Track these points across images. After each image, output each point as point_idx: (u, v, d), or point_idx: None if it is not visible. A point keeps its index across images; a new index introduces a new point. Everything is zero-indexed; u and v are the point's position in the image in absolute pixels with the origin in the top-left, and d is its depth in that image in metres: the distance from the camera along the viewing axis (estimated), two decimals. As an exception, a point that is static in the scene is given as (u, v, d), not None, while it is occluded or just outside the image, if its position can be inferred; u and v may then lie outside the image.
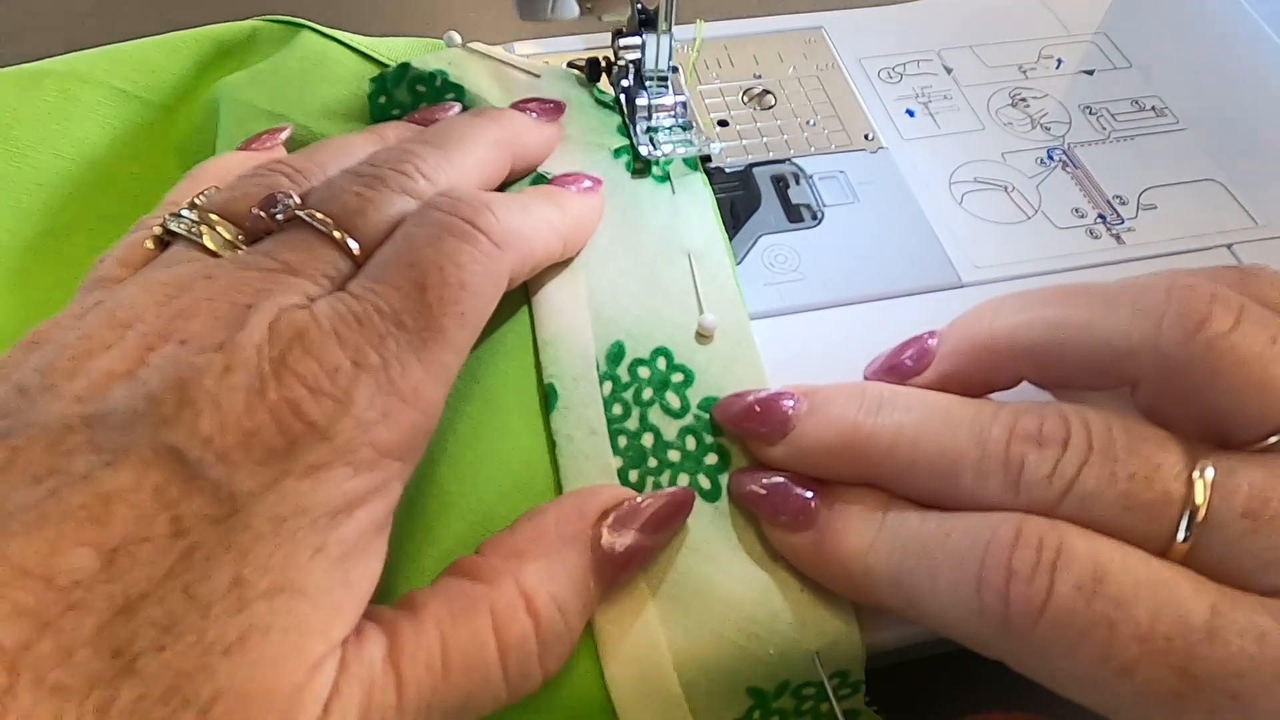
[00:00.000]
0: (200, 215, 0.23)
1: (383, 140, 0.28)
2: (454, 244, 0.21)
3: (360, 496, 0.19)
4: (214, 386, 0.18)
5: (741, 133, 0.34)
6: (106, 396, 0.18)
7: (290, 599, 0.17)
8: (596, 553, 0.22)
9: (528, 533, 0.22)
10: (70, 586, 0.15)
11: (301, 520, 0.18)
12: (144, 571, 0.16)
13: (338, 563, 0.18)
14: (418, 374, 0.20)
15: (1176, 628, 0.18)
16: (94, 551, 0.16)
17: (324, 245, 0.22)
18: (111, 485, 0.16)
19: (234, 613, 0.16)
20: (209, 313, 0.19)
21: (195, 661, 0.16)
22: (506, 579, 0.20)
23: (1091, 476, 0.19)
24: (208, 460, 0.17)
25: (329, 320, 0.19)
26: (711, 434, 0.25)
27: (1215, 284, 0.21)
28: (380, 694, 0.18)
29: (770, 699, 0.23)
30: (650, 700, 0.22)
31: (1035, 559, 0.19)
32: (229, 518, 0.17)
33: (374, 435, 0.19)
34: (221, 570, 0.17)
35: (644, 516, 0.22)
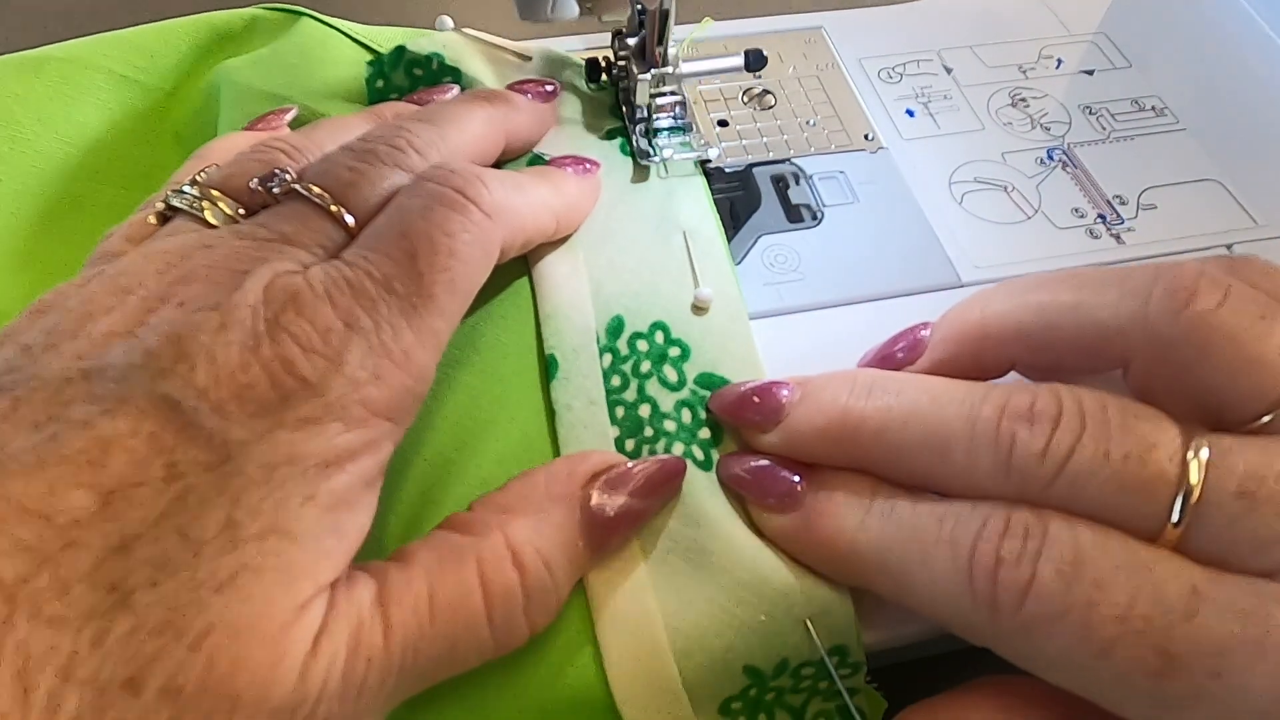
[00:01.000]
0: (201, 190, 0.23)
1: (380, 119, 0.28)
2: (444, 213, 0.22)
3: (351, 451, 0.19)
4: (209, 341, 0.18)
5: (741, 133, 0.34)
6: (105, 353, 0.18)
7: (280, 541, 0.18)
8: (585, 513, 0.22)
9: (517, 490, 0.23)
10: (68, 525, 0.16)
11: (293, 469, 0.18)
12: (139, 513, 0.17)
13: (327, 511, 0.19)
14: (408, 338, 0.21)
15: (1155, 608, 0.18)
16: (91, 493, 0.16)
17: (319, 217, 0.22)
18: (109, 431, 0.17)
19: (225, 552, 0.17)
20: (207, 278, 0.20)
21: (187, 597, 0.16)
22: (494, 532, 0.21)
23: (1085, 455, 0.19)
24: (202, 410, 0.18)
25: (322, 284, 0.20)
26: (706, 408, 0.26)
27: (1203, 265, 0.21)
28: (367, 634, 0.19)
29: (768, 679, 0.23)
30: (645, 674, 0.22)
31: (1021, 546, 0.19)
32: (222, 464, 0.17)
33: (365, 394, 0.19)
34: (214, 513, 0.17)
35: (635, 481, 0.23)
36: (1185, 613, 0.18)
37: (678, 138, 0.32)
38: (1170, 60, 0.37)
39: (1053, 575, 0.19)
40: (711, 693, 0.23)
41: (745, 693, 0.23)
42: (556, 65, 0.33)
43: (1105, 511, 0.19)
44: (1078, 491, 0.19)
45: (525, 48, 0.34)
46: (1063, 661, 0.19)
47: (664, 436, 0.25)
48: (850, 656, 0.23)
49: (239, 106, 0.30)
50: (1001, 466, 0.20)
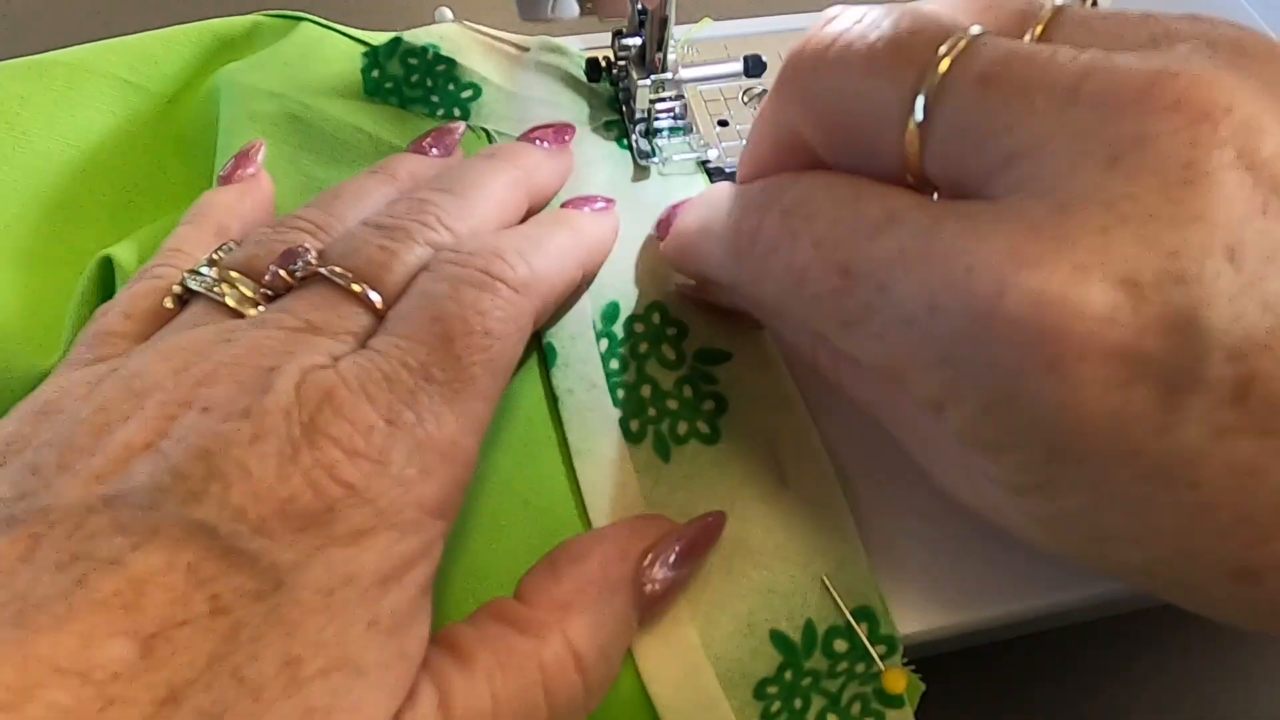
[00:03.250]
0: (220, 273, 0.22)
1: (394, 179, 0.27)
2: (474, 294, 0.21)
3: (408, 561, 0.18)
4: (242, 455, 0.17)
5: (741, 133, 0.34)
6: (128, 473, 0.17)
7: (347, 678, 0.16)
8: (639, 595, 0.22)
9: (573, 583, 0.21)
10: (108, 680, 0.15)
11: (350, 590, 0.17)
12: (186, 657, 0.15)
13: (391, 635, 0.17)
14: (452, 426, 0.20)
15: (848, 231, 0.19)
16: (130, 640, 0.15)
17: (347, 302, 0.21)
18: (142, 568, 0.16)
19: (289, 695, 0.16)
20: (231, 378, 0.19)
21: None
22: (555, 633, 0.20)
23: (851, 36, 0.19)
24: (242, 533, 0.16)
25: (357, 379, 0.19)
26: (707, 382, 0.26)
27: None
28: None
29: (800, 655, 0.23)
30: (669, 648, 0.22)
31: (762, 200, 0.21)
32: (273, 592, 0.16)
33: (416, 494, 0.18)
34: (270, 649, 0.16)
35: (683, 550, 0.22)
36: (872, 231, 0.18)
37: (678, 138, 0.32)
38: (1170, 59, 0.37)
39: (778, 216, 0.20)
40: (743, 670, 0.22)
41: (780, 675, 0.23)
42: (554, 55, 0.34)
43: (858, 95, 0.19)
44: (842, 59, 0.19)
45: (522, 39, 0.34)
46: (777, 297, 0.21)
47: (668, 416, 0.25)
48: (880, 627, 0.23)
49: (239, 104, 0.31)
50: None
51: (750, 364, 0.27)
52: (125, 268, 0.27)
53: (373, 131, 0.31)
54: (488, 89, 0.33)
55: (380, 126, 0.31)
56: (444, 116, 0.32)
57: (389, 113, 0.32)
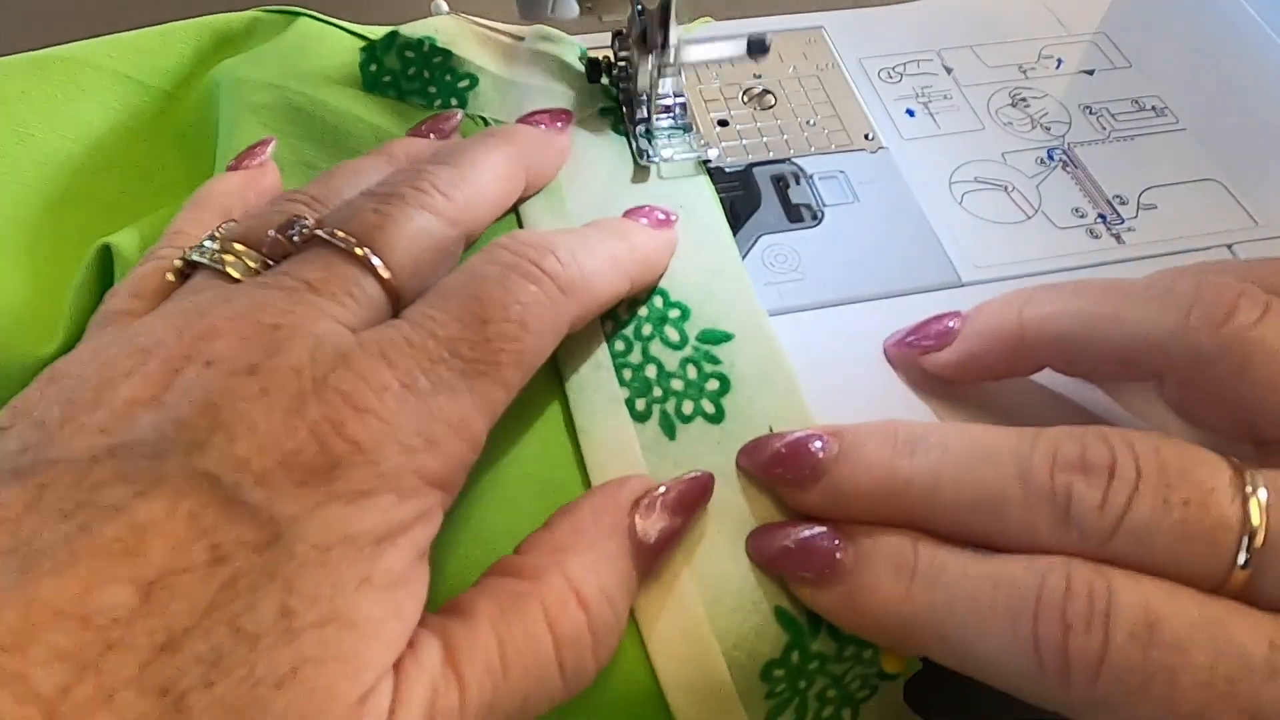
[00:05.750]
0: (222, 245, 0.23)
1: (392, 159, 0.28)
2: (520, 283, 0.21)
3: (404, 525, 0.18)
4: (248, 408, 0.17)
5: (741, 133, 0.34)
6: (132, 425, 0.17)
7: (341, 630, 0.16)
8: (633, 541, 0.22)
9: (567, 528, 0.22)
10: (108, 625, 0.15)
11: (347, 548, 0.17)
12: (185, 604, 0.15)
13: (385, 592, 0.17)
14: (466, 404, 0.20)
15: (1238, 668, 0.17)
16: (130, 587, 0.15)
17: (344, 262, 0.21)
18: (144, 515, 0.16)
19: (284, 644, 0.16)
20: (233, 333, 0.19)
21: (247, 696, 0.15)
22: (554, 573, 0.20)
23: (1144, 504, 0.19)
24: (245, 484, 0.17)
25: (376, 344, 0.19)
26: (711, 362, 0.26)
27: (1244, 282, 0.21)
28: (443, 699, 0.18)
29: (806, 635, 0.23)
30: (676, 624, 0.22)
31: (1088, 610, 0.18)
32: (271, 545, 0.16)
33: (419, 462, 0.18)
34: (267, 600, 0.16)
35: (671, 501, 0.22)
36: (1269, 671, 0.17)
37: (678, 138, 0.32)
38: (1170, 60, 0.37)
39: (1126, 639, 0.18)
40: (750, 650, 0.22)
41: (787, 658, 0.22)
42: (548, 44, 0.34)
43: (1169, 562, 0.18)
44: (1140, 543, 0.19)
45: (517, 28, 0.34)
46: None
47: (673, 396, 0.26)
48: None
49: (240, 97, 0.31)
50: (1059, 522, 0.19)
51: (752, 345, 0.27)
52: (126, 255, 0.28)
53: (373, 121, 0.31)
54: (484, 78, 0.33)
55: (380, 116, 0.31)
56: (441, 107, 0.32)
57: (388, 103, 0.32)
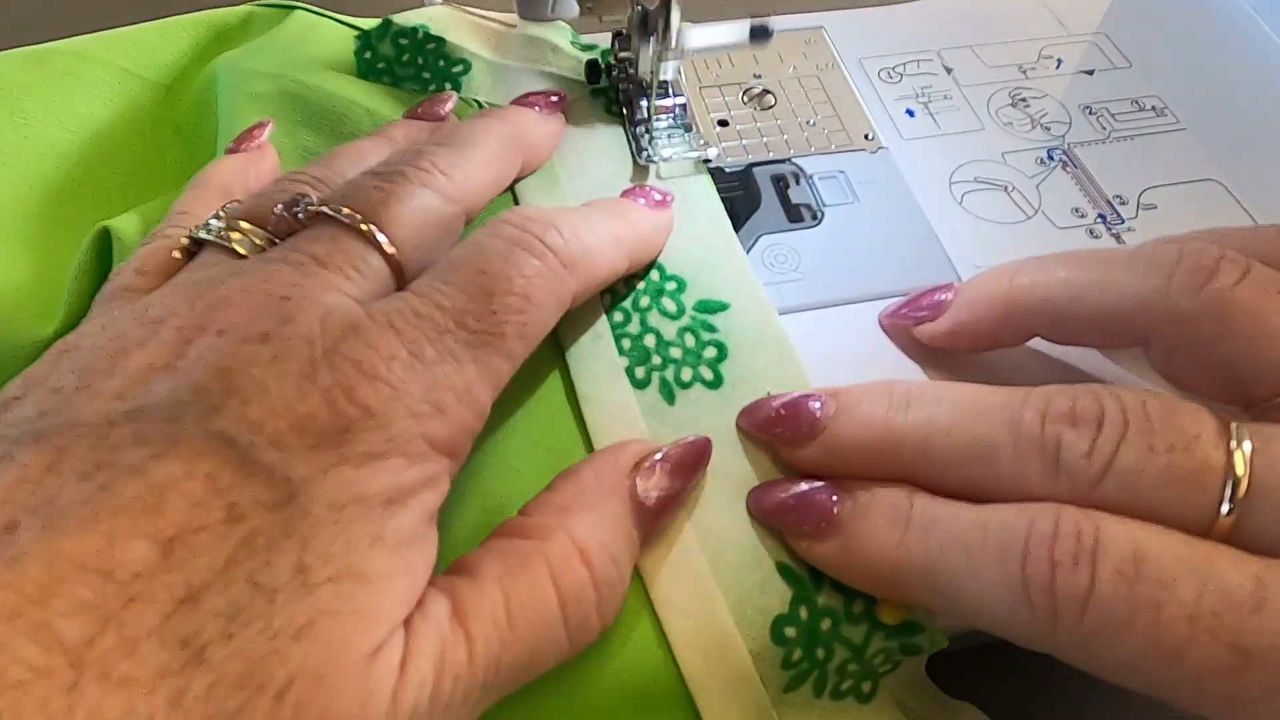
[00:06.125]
0: (229, 223, 0.23)
1: (392, 142, 0.28)
2: (524, 257, 0.22)
3: (414, 488, 0.19)
4: (261, 374, 0.18)
5: (741, 133, 0.34)
6: (147, 390, 0.18)
7: (355, 586, 0.17)
8: (634, 502, 0.22)
9: (569, 489, 0.22)
10: (130, 579, 0.15)
11: (359, 508, 0.18)
12: (204, 560, 0.16)
13: (396, 551, 0.18)
14: (472, 374, 0.20)
15: (1223, 602, 0.17)
16: (151, 543, 0.16)
17: (349, 237, 0.22)
18: (163, 475, 0.16)
19: (300, 599, 0.16)
20: (244, 303, 0.19)
21: (266, 647, 0.16)
22: (557, 532, 0.21)
23: (1130, 451, 0.19)
24: (260, 445, 0.17)
25: (384, 315, 0.20)
26: (709, 330, 0.27)
27: (1224, 246, 0.22)
28: (451, 653, 0.18)
29: (810, 589, 0.23)
30: (681, 575, 0.23)
31: (1075, 548, 0.18)
32: (286, 504, 0.17)
33: (427, 428, 0.19)
34: (283, 557, 0.16)
35: (670, 464, 0.23)
36: (1253, 605, 0.17)
37: (678, 137, 0.32)
38: (1170, 60, 0.37)
39: (1113, 576, 0.18)
40: (757, 605, 0.23)
41: (795, 613, 0.23)
42: (540, 28, 0.34)
43: (1155, 507, 0.19)
44: (1127, 487, 0.19)
45: (509, 16, 0.35)
46: (1133, 667, 0.18)
47: (672, 363, 0.26)
48: None
49: (239, 87, 0.32)
50: (1049, 470, 0.20)
51: (748, 314, 0.27)
52: (125, 238, 0.28)
53: (368, 106, 0.32)
54: (477, 64, 0.34)
55: (375, 101, 0.32)
56: (435, 91, 0.33)
57: (383, 89, 0.33)
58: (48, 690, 0.14)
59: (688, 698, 0.22)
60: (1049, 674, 0.29)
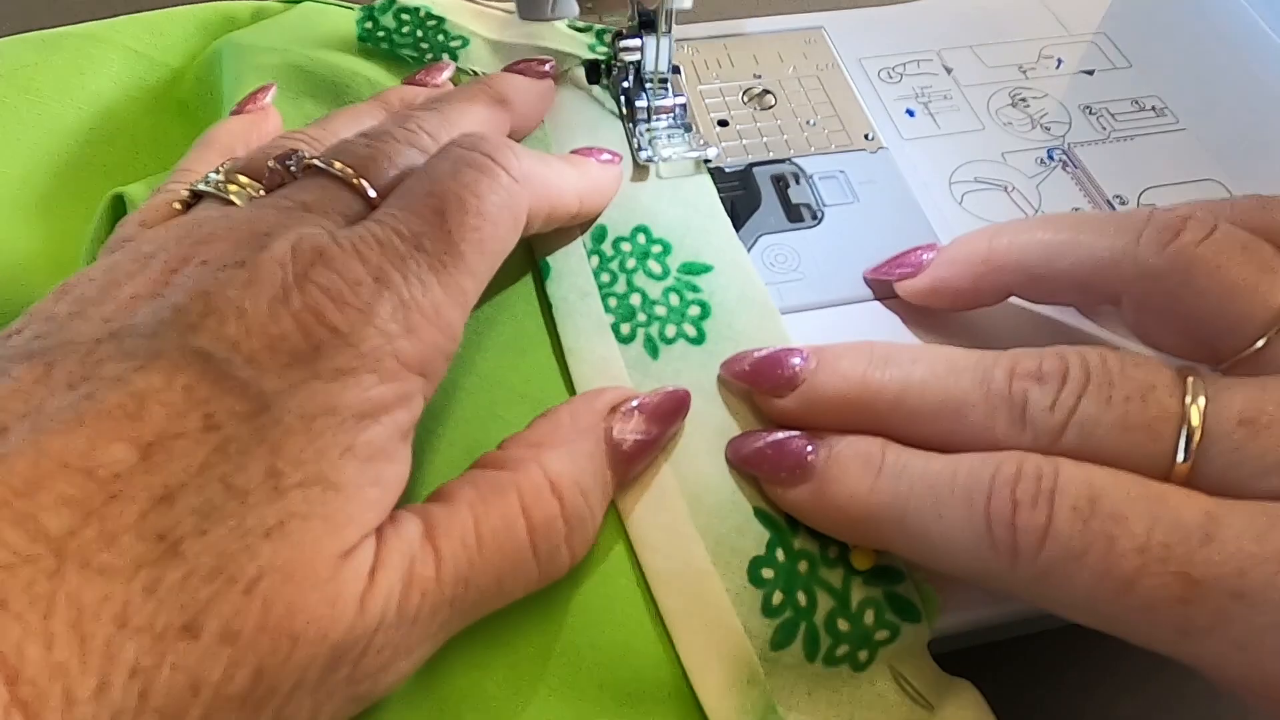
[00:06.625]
0: (227, 176, 0.24)
1: (388, 106, 0.30)
2: (474, 175, 0.23)
3: (385, 404, 0.19)
4: (238, 295, 0.19)
5: (741, 133, 0.34)
6: (133, 314, 0.19)
7: (324, 491, 0.18)
8: (610, 444, 0.23)
9: (545, 427, 0.23)
10: (110, 479, 0.16)
11: (330, 419, 0.18)
12: (180, 464, 0.17)
13: (366, 461, 0.19)
14: (438, 294, 0.21)
15: (1174, 534, 0.18)
16: (131, 446, 0.16)
17: (338, 188, 0.23)
18: (143, 385, 0.17)
19: (271, 501, 0.17)
20: (228, 238, 0.20)
21: (237, 544, 0.17)
22: (530, 464, 0.22)
23: (1090, 403, 0.20)
24: (235, 362, 0.18)
25: (350, 242, 0.20)
26: (692, 290, 0.28)
27: (1194, 208, 0.23)
28: (420, 567, 0.19)
29: (786, 531, 0.23)
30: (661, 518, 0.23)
31: (1035, 489, 0.19)
32: (259, 415, 0.18)
33: (397, 346, 0.20)
34: (256, 462, 0.17)
35: (647, 411, 0.24)
36: (1202, 537, 0.18)
37: (677, 137, 0.32)
38: (1170, 60, 0.37)
39: (1069, 513, 0.19)
40: (733, 546, 0.23)
41: (772, 555, 0.23)
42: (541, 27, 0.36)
43: (1114, 455, 0.20)
44: (1087, 437, 0.20)
45: (509, 4, 0.36)
46: (1087, 600, 0.19)
47: (657, 320, 0.27)
48: None
49: (244, 60, 0.33)
50: (1015, 423, 0.21)
51: (731, 275, 0.28)
52: (137, 203, 0.29)
53: (369, 76, 0.33)
54: (475, 40, 0.35)
55: (376, 72, 0.33)
56: (434, 60, 0.34)
57: (384, 60, 0.34)
58: (32, 574, 0.15)
59: (667, 638, 0.22)
60: (1045, 672, 0.29)
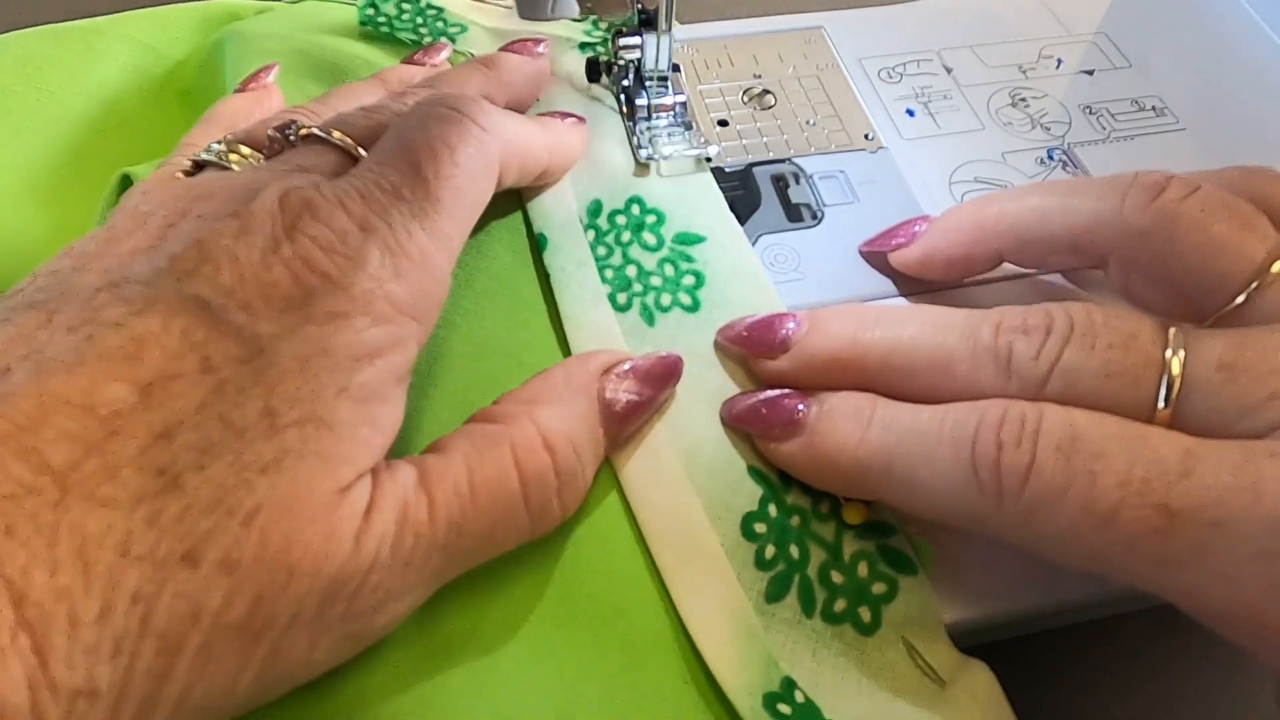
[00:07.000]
0: (228, 146, 0.25)
1: (386, 84, 0.30)
2: (443, 127, 0.24)
3: (379, 347, 0.20)
4: (231, 245, 0.19)
5: (741, 133, 0.34)
6: (132, 265, 0.19)
7: (319, 430, 0.18)
8: (602, 403, 0.24)
9: (539, 385, 0.24)
10: (110, 416, 0.17)
11: (324, 360, 0.19)
12: (178, 403, 0.17)
13: (360, 403, 0.19)
14: (422, 239, 0.22)
15: (1153, 470, 0.18)
16: (130, 386, 0.17)
17: (334, 153, 0.24)
18: (141, 329, 0.18)
19: (267, 438, 0.18)
20: (223, 195, 0.21)
21: (235, 478, 0.17)
22: (524, 420, 0.22)
23: (1073, 352, 0.21)
24: (230, 307, 0.19)
25: (334, 194, 0.21)
26: (687, 260, 0.29)
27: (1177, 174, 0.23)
28: (413, 511, 0.20)
29: (779, 488, 0.24)
30: (655, 474, 0.24)
31: (1019, 431, 0.20)
32: (255, 357, 0.18)
33: (387, 290, 0.20)
34: (252, 401, 0.18)
35: (639, 374, 0.25)
36: (1181, 471, 0.18)
37: (677, 136, 0.32)
38: (1170, 60, 0.37)
39: (1052, 453, 0.19)
40: (727, 503, 0.24)
41: (764, 511, 0.24)
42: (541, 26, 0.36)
43: (1097, 401, 0.20)
44: (1070, 384, 0.21)
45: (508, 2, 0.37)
46: (1069, 537, 0.19)
47: (652, 290, 0.28)
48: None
49: (247, 45, 0.34)
50: (1001, 373, 0.22)
51: (724, 245, 0.29)
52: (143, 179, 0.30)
53: (370, 59, 0.34)
54: (474, 28, 0.36)
55: (376, 55, 0.34)
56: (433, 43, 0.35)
57: (385, 45, 0.35)
58: (37, 504, 0.15)
59: (663, 591, 0.23)
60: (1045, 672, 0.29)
